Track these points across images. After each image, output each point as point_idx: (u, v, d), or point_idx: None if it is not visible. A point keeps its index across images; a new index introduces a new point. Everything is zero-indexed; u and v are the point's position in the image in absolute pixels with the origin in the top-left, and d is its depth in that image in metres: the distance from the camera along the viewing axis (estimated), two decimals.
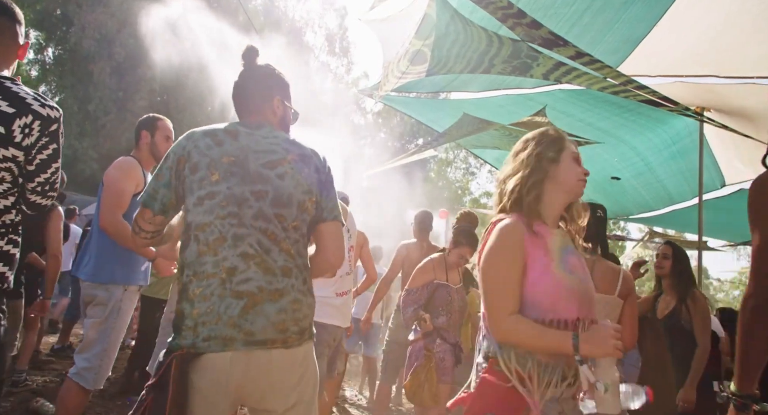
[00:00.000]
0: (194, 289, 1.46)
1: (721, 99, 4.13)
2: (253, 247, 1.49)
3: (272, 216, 1.53)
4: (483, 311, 1.61)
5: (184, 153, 1.55)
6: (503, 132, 4.90)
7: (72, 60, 14.78)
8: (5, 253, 1.64)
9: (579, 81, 3.13)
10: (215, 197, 1.50)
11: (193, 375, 1.42)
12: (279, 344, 1.48)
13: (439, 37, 3.25)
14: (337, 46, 23.31)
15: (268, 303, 1.47)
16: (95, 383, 2.69)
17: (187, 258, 1.50)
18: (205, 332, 1.42)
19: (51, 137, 1.68)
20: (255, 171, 1.54)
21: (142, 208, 1.59)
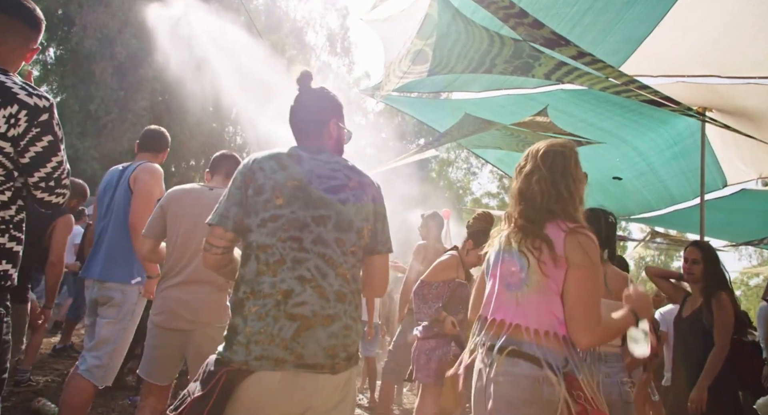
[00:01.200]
0: (250, 307, 1.51)
1: (723, 99, 4.13)
2: (310, 271, 1.54)
3: (332, 241, 1.58)
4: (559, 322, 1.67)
5: (249, 174, 1.61)
6: (505, 132, 4.89)
7: (73, 60, 14.78)
8: (8, 250, 1.62)
9: (581, 81, 3.12)
10: (278, 220, 1.55)
11: (242, 390, 1.47)
12: (327, 369, 1.52)
13: (440, 36, 3.24)
14: (339, 46, 23.29)
15: (320, 328, 1.51)
16: (104, 381, 2.77)
17: (246, 275, 1.55)
18: (258, 351, 1.47)
19: (42, 128, 1.61)
20: (318, 197, 1.60)
21: (214, 227, 1.61)
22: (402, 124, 23.33)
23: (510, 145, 5.30)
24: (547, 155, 1.82)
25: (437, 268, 3.50)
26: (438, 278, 3.46)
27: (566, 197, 1.77)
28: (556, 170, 1.79)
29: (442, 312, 3.34)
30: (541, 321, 1.67)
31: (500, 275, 1.82)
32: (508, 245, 1.82)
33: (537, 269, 1.69)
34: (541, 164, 1.81)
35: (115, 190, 2.99)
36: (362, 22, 4.81)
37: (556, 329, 1.66)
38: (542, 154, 1.83)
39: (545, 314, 1.68)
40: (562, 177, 1.78)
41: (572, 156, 1.83)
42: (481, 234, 3.49)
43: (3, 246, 1.61)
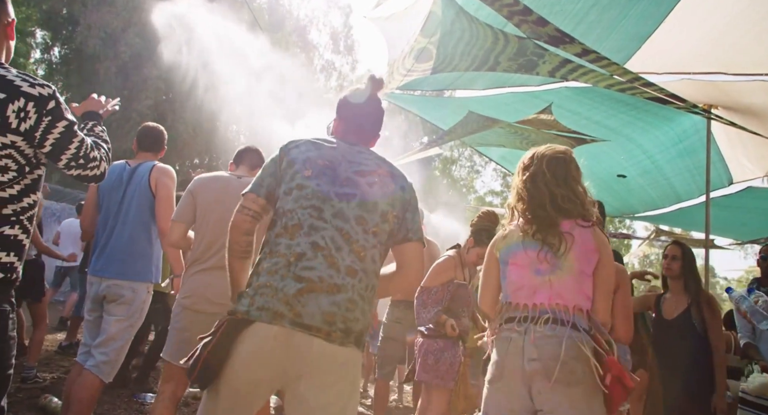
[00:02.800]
0: (264, 264, 1.59)
1: (728, 96, 4.11)
2: (324, 240, 1.58)
3: (352, 218, 1.62)
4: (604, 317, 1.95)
5: (285, 150, 1.71)
6: (509, 130, 4.89)
7: (78, 59, 14.83)
8: (18, 242, 1.62)
9: (585, 78, 3.11)
10: (303, 189, 1.63)
11: (242, 339, 1.52)
12: (322, 334, 1.52)
13: (444, 34, 3.24)
14: (342, 44, 23.29)
15: (324, 294, 1.54)
16: (110, 377, 2.84)
17: (269, 237, 1.64)
18: (260, 302, 1.53)
19: (53, 115, 1.62)
20: (345, 176, 1.66)
21: (249, 193, 1.69)
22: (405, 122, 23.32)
23: (514, 143, 5.29)
24: (552, 161, 2.03)
25: (434, 272, 3.46)
26: (436, 282, 3.42)
27: (573, 198, 1.99)
28: (558, 175, 2.01)
29: (442, 315, 3.31)
30: (576, 299, 1.91)
31: (527, 264, 1.97)
32: (528, 237, 1.99)
33: (570, 255, 1.92)
34: (546, 169, 2.01)
35: (126, 188, 3.01)
36: (366, 19, 4.81)
37: (588, 305, 1.93)
38: (547, 160, 2.03)
39: (578, 293, 1.91)
40: (564, 181, 2.01)
41: (573, 161, 2.07)
42: (483, 232, 3.46)
43: (15, 238, 1.61)
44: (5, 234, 1.59)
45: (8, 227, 1.59)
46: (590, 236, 1.96)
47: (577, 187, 2.02)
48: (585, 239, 1.94)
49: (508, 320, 1.96)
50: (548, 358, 1.81)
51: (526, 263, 1.97)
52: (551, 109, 4.47)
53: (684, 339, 3.26)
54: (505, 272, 2.05)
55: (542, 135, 4.94)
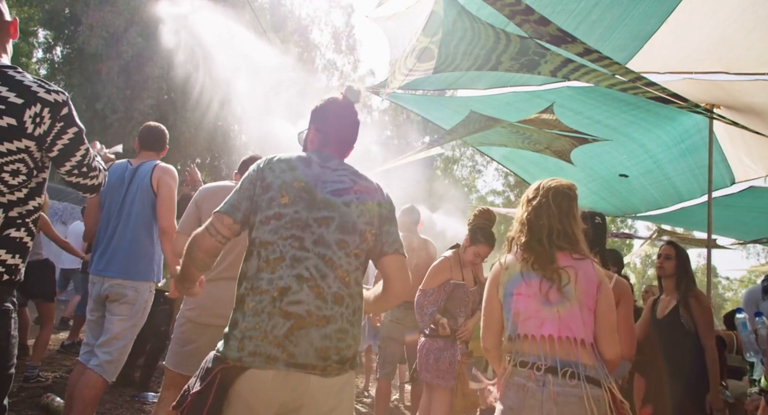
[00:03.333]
0: (249, 302, 1.53)
1: (731, 96, 4.09)
2: (309, 270, 1.55)
3: (333, 242, 1.59)
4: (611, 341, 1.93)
5: (260, 173, 1.66)
6: (510, 129, 4.88)
7: (80, 59, 14.86)
8: (23, 244, 1.65)
9: (587, 78, 3.11)
10: (281, 219, 1.58)
11: (238, 385, 1.50)
12: (318, 371, 1.52)
13: (446, 34, 3.24)
14: (344, 43, 23.29)
15: (314, 329, 1.52)
16: (113, 376, 2.87)
17: (248, 271, 1.58)
18: (251, 346, 1.49)
19: (66, 122, 1.67)
20: (322, 199, 1.63)
21: (223, 215, 1.63)
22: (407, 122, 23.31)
23: (516, 142, 5.28)
24: (558, 195, 2.05)
25: (430, 274, 3.50)
26: (433, 284, 3.45)
27: (570, 236, 2.01)
28: (563, 210, 2.03)
29: (436, 315, 3.35)
30: (583, 332, 1.90)
31: (533, 294, 1.95)
32: (528, 267, 1.99)
33: (576, 288, 1.92)
34: (552, 202, 2.03)
35: (128, 187, 3.01)
36: (367, 19, 4.80)
37: (591, 339, 1.92)
38: (553, 193, 2.05)
39: (585, 325, 1.90)
40: (567, 217, 2.03)
41: (576, 198, 2.10)
42: (478, 231, 3.47)
43: (20, 240, 1.64)
44: (11, 236, 1.61)
45: (14, 230, 1.62)
46: (592, 269, 1.97)
47: (577, 226, 2.04)
48: (588, 272, 1.95)
49: (522, 363, 1.90)
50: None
51: (531, 293, 1.95)
52: (553, 108, 4.47)
53: (673, 337, 3.26)
54: (509, 304, 2.01)
55: (544, 135, 4.93)
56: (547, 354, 1.86)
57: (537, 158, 5.80)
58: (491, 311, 2.09)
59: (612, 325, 1.93)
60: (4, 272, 1.60)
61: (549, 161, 5.71)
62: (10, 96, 1.56)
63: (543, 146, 5.25)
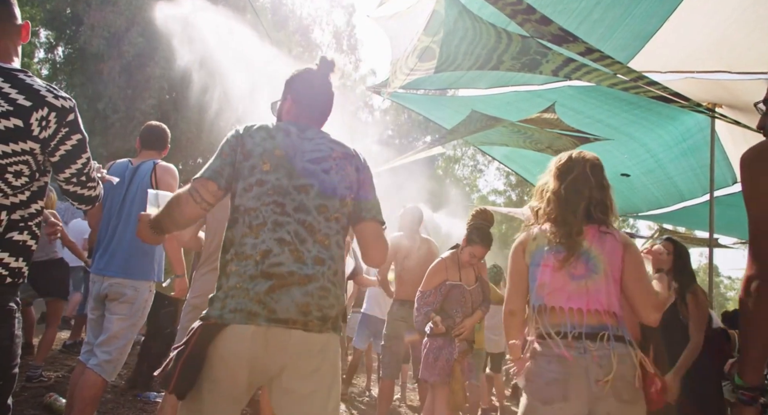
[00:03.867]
0: (232, 266, 1.56)
1: (732, 95, 4.09)
2: (290, 234, 1.57)
3: (313, 208, 1.62)
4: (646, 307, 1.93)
5: (241, 139, 1.66)
6: (512, 129, 4.88)
7: (81, 59, 14.87)
8: (27, 247, 1.66)
9: (589, 77, 3.11)
10: (263, 185, 1.60)
11: (218, 344, 1.51)
12: (299, 325, 1.53)
13: (447, 33, 3.24)
14: (345, 43, 23.29)
15: (295, 287, 1.54)
16: (112, 376, 2.86)
17: (233, 238, 1.60)
18: (232, 304, 1.51)
19: (70, 128, 1.68)
20: (301, 167, 1.65)
21: (207, 181, 1.62)
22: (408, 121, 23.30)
23: (517, 142, 5.28)
24: (595, 167, 2.04)
25: (427, 276, 3.52)
26: (430, 285, 3.48)
27: (608, 207, 2.00)
28: (600, 181, 2.01)
29: (431, 313, 3.38)
30: (610, 303, 1.89)
31: (560, 266, 1.93)
32: (555, 240, 1.96)
33: (603, 259, 1.91)
34: (591, 174, 2.00)
35: (128, 186, 3.02)
36: (369, 19, 4.80)
37: (618, 310, 1.91)
38: (591, 165, 2.03)
39: (613, 297, 1.90)
40: (603, 188, 2.02)
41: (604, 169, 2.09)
42: (474, 231, 3.48)
43: (23, 243, 1.65)
44: (14, 239, 1.63)
45: (17, 233, 1.63)
46: (616, 241, 1.97)
47: (611, 197, 2.03)
48: (613, 244, 1.95)
49: (557, 334, 1.87)
50: (616, 378, 1.78)
51: (558, 265, 1.94)
52: (554, 108, 4.47)
53: (673, 335, 3.24)
54: (535, 274, 1.99)
55: (545, 134, 4.93)
56: (576, 324, 1.85)
57: (538, 158, 5.80)
58: (519, 275, 2.06)
59: (646, 285, 1.95)
60: (7, 275, 1.61)
61: (550, 161, 5.71)
62: (18, 98, 1.59)
63: (544, 146, 5.25)
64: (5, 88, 1.59)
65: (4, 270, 1.60)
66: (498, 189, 26.46)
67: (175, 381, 1.49)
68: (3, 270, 1.60)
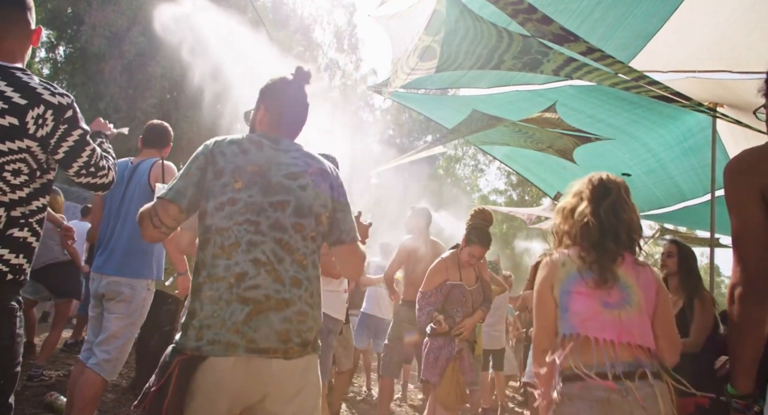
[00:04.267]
0: (206, 290, 1.51)
1: (734, 95, 4.08)
2: (265, 254, 1.52)
3: (289, 226, 1.57)
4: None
5: (211, 157, 1.60)
6: (513, 128, 4.88)
7: (83, 58, 14.89)
8: (27, 244, 1.65)
9: (590, 77, 3.10)
10: (236, 204, 1.54)
11: (198, 375, 1.46)
12: (280, 354, 1.50)
13: (448, 33, 3.23)
14: (346, 42, 23.29)
15: (273, 312, 1.50)
16: (112, 375, 2.85)
17: (205, 259, 1.55)
18: (210, 335, 1.47)
19: (69, 124, 1.68)
20: (277, 182, 1.59)
21: (168, 203, 1.57)
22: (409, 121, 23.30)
23: (518, 141, 5.28)
24: (628, 191, 1.99)
25: (428, 276, 3.53)
26: (430, 285, 3.48)
27: (638, 231, 1.95)
28: (634, 206, 1.97)
29: (434, 313, 3.38)
30: (643, 338, 1.79)
31: (593, 294, 1.83)
32: (588, 266, 1.85)
33: (638, 292, 1.83)
34: (627, 198, 1.95)
35: (126, 185, 3.02)
36: (370, 18, 4.80)
37: (651, 344, 1.81)
38: (625, 189, 1.98)
39: (646, 330, 1.81)
40: (636, 213, 1.97)
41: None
42: (473, 232, 3.48)
43: (24, 240, 1.64)
44: (15, 236, 1.62)
45: (17, 230, 1.63)
46: (651, 275, 1.90)
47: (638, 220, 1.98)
48: (647, 277, 1.88)
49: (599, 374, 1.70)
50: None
51: (591, 293, 1.83)
52: (556, 107, 4.46)
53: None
54: (567, 302, 1.85)
55: (546, 133, 4.93)
56: (614, 359, 1.72)
57: (539, 157, 5.79)
58: (547, 311, 1.90)
59: (672, 328, 1.89)
60: (8, 272, 1.60)
61: (551, 160, 5.71)
62: (14, 96, 1.58)
63: (545, 145, 5.25)
64: (1, 86, 1.58)
65: (4, 267, 1.59)
66: (499, 189, 26.48)
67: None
68: (3, 267, 1.59)
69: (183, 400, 1.44)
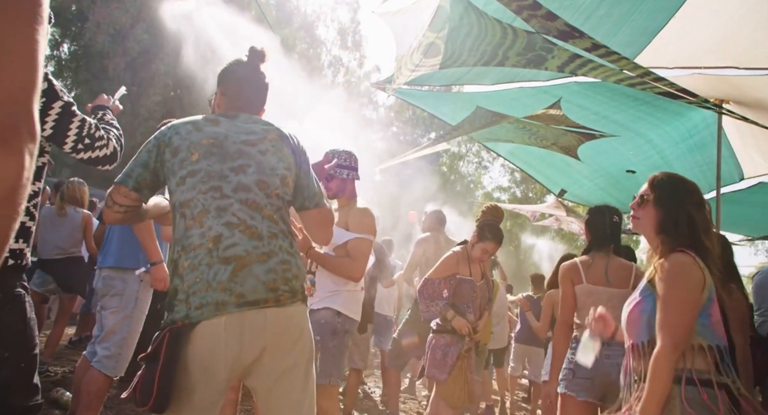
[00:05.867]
0: (183, 262, 1.51)
1: (740, 91, 4.06)
2: (236, 215, 1.53)
3: (253, 185, 1.57)
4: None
5: (164, 139, 1.63)
6: (517, 125, 4.86)
7: (87, 56, 14.92)
8: (25, 228, 1.64)
9: (595, 73, 3.09)
10: (196, 175, 1.56)
11: (190, 346, 1.44)
12: (271, 302, 1.50)
13: (452, 29, 3.22)
14: (350, 39, 23.25)
15: (256, 264, 1.50)
16: (115, 371, 2.83)
17: (176, 235, 1.57)
18: (197, 300, 1.46)
19: (47, 97, 1.64)
20: (235, 150, 1.60)
21: (117, 185, 1.64)
22: (413, 118, 23.28)
23: (522, 138, 5.26)
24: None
25: (439, 266, 3.50)
26: (439, 274, 3.45)
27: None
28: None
29: (449, 310, 3.33)
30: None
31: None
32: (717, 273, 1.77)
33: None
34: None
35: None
36: (374, 15, 4.79)
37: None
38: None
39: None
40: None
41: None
42: (486, 228, 3.47)
43: (22, 225, 1.62)
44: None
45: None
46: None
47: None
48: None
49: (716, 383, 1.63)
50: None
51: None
52: (560, 104, 4.44)
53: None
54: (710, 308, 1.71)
55: (551, 130, 4.91)
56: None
57: (544, 154, 5.78)
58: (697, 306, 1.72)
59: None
60: (8, 257, 1.58)
61: (556, 157, 5.69)
62: None
63: (550, 142, 5.23)
64: None
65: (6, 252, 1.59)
66: (503, 186, 26.37)
67: (155, 399, 1.37)
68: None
69: (174, 372, 1.40)
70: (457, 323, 3.28)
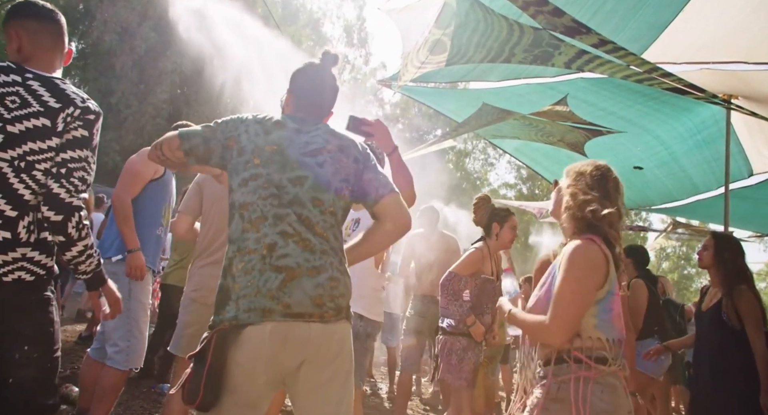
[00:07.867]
0: (237, 264, 1.54)
1: (749, 86, 4.02)
2: (291, 226, 1.56)
3: (308, 201, 1.60)
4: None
5: (234, 134, 1.66)
6: (523, 122, 4.85)
7: (94, 54, 15.00)
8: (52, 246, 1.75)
9: (602, 69, 3.07)
10: (258, 179, 1.60)
11: (234, 349, 1.48)
12: (316, 318, 1.52)
13: (458, 26, 3.21)
14: (356, 36, 23.23)
15: (305, 278, 1.52)
16: (128, 363, 2.82)
17: (233, 234, 1.59)
18: (246, 304, 1.49)
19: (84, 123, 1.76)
20: (295, 159, 1.63)
21: (174, 136, 1.66)
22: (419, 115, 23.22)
23: (529, 135, 5.24)
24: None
25: (465, 261, 3.41)
26: (466, 270, 3.36)
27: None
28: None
29: (471, 316, 3.24)
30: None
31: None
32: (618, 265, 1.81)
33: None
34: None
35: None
36: (380, 11, 4.79)
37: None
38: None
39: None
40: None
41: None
42: (495, 211, 3.50)
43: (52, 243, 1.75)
44: (48, 240, 1.73)
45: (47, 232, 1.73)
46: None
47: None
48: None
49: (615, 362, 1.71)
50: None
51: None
52: (567, 100, 4.42)
53: (714, 332, 3.16)
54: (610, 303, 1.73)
55: (557, 127, 4.89)
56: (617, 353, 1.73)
57: (550, 151, 5.75)
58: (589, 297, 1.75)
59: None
60: (44, 275, 1.72)
61: (562, 154, 5.66)
62: (50, 101, 1.69)
63: (556, 138, 5.21)
64: (40, 91, 1.69)
65: (41, 269, 1.70)
66: (509, 182, 26.34)
67: (201, 397, 1.45)
68: (40, 270, 1.70)
69: (221, 373, 1.46)
70: (475, 331, 3.23)
